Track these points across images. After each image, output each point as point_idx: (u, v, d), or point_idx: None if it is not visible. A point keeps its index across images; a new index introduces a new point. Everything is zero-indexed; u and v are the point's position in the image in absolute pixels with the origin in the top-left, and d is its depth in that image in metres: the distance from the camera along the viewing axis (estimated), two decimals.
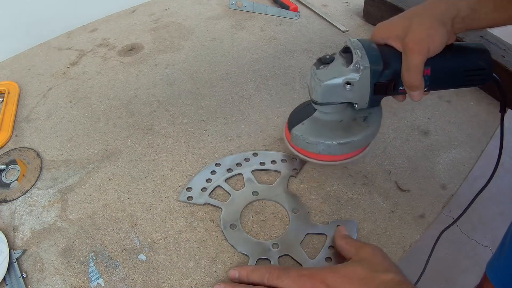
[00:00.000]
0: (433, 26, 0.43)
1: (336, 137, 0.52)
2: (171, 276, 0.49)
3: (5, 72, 0.81)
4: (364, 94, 0.48)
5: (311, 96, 0.51)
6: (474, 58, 0.48)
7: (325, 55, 0.49)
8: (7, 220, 0.55)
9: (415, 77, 0.44)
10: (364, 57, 0.45)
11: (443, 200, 0.57)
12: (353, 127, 0.52)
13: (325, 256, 0.49)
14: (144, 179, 0.60)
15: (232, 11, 0.97)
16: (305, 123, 0.53)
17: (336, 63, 0.48)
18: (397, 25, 0.46)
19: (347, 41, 0.48)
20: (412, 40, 0.43)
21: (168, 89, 0.75)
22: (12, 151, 0.65)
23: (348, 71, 0.46)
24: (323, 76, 0.47)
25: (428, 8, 0.44)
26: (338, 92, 0.48)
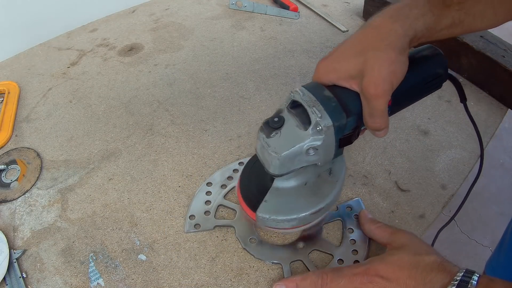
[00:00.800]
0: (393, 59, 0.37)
1: (307, 206, 0.44)
2: (171, 276, 0.49)
3: (5, 72, 0.81)
4: (329, 152, 0.42)
5: (267, 169, 0.43)
6: (431, 66, 0.44)
7: (272, 117, 0.41)
8: (7, 220, 0.55)
9: (381, 121, 0.40)
10: (324, 115, 0.39)
11: (443, 200, 0.56)
12: (321, 187, 0.46)
13: (349, 239, 0.50)
14: (144, 179, 0.60)
15: (232, 11, 0.97)
16: (267, 199, 0.45)
17: (289, 126, 0.40)
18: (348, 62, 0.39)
19: (294, 94, 0.41)
20: (373, 83, 0.37)
21: (168, 89, 0.75)
22: (12, 151, 0.65)
23: (307, 135, 0.39)
24: (278, 148, 0.40)
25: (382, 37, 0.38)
26: (299, 159, 0.41)
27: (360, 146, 0.63)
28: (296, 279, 0.43)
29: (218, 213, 0.54)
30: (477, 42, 0.71)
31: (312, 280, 0.42)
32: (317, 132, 0.39)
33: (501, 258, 0.68)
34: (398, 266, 0.39)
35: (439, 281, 0.36)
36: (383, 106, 0.38)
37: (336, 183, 0.46)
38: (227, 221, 0.53)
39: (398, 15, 0.39)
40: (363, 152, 0.62)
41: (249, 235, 0.51)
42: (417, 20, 0.39)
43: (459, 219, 1.46)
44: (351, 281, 0.40)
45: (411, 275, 0.38)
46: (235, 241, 0.51)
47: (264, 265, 0.49)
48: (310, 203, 0.45)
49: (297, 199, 0.45)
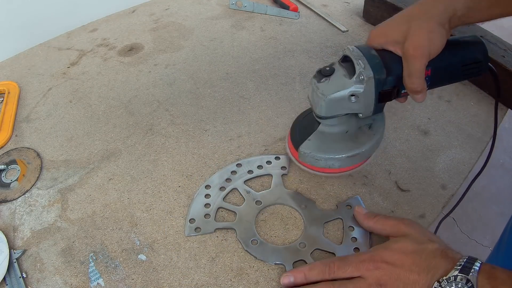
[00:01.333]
0: (432, 29, 0.42)
1: (345, 150, 0.51)
2: (171, 276, 0.49)
3: (5, 72, 0.81)
4: (369, 103, 0.47)
5: (314, 110, 0.49)
6: (471, 51, 0.47)
7: (325, 67, 0.47)
8: (7, 220, 0.55)
9: (417, 82, 0.44)
10: (367, 67, 0.44)
11: (443, 200, 0.56)
12: (360, 137, 0.51)
13: (350, 237, 0.50)
14: (144, 179, 0.60)
15: (232, 11, 0.97)
16: (311, 138, 0.52)
17: (337, 75, 0.46)
18: (395, 29, 0.45)
19: (346, 50, 0.47)
20: (413, 45, 0.42)
21: (168, 89, 0.75)
22: (12, 151, 0.65)
23: (351, 83, 0.45)
24: (326, 90, 0.46)
25: (425, 10, 0.43)
26: (343, 105, 0.47)
27: None
28: (303, 269, 0.45)
29: (218, 216, 0.54)
30: None
31: (320, 269, 0.43)
32: (360, 81, 0.44)
33: (499, 258, 0.68)
34: (402, 253, 0.41)
35: (442, 267, 0.38)
36: (420, 67, 0.43)
37: (373, 136, 0.52)
38: (227, 224, 0.53)
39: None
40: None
41: (251, 236, 0.51)
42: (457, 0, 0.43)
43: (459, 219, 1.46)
44: (358, 268, 0.42)
45: (415, 261, 0.39)
46: (235, 241, 0.51)
47: (264, 265, 0.49)
48: (347, 147, 0.51)
49: (337, 142, 0.51)
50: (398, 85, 0.46)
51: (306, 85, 0.75)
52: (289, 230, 0.52)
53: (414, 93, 0.46)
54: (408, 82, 0.44)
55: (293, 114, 0.69)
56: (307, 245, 0.50)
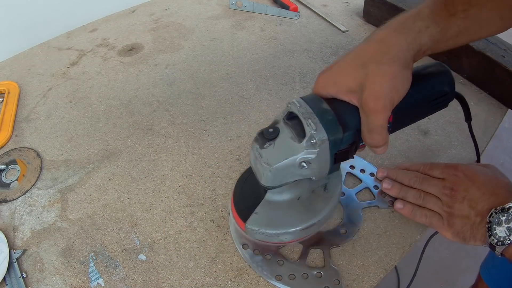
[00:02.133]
0: (395, 74, 0.36)
1: (298, 221, 0.43)
2: (171, 276, 0.49)
3: (5, 72, 0.81)
4: (323, 167, 0.40)
5: (259, 180, 0.42)
6: (437, 84, 0.43)
7: (267, 128, 0.40)
8: (7, 220, 0.55)
9: (379, 138, 0.38)
10: (319, 128, 0.37)
11: None
12: (314, 202, 0.45)
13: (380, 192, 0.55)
14: (144, 179, 0.60)
15: (232, 11, 0.97)
16: (258, 211, 0.44)
17: (283, 138, 0.39)
18: (348, 75, 0.38)
19: (290, 105, 0.40)
20: (373, 97, 0.36)
21: (168, 89, 0.75)
22: (12, 151, 0.65)
23: (301, 148, 0.38)
24: (271, 159, 0.39)
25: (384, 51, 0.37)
26: (292, 172, 0.40)
27: None
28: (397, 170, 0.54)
29: None
30: (477, 42, 0.71)
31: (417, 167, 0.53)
32: (311, 146, 0.38)
33: (496, 260, 0.68)
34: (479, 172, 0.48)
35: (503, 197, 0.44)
36: (383, 122, 0.37)
37: (330, 199, 0.45)
38: None
39: (402, 28, 0.38)
40: (363, 152, 0.62)
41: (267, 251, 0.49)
42: (422, 33, 0.37)
43: None
44: (442, 171, 0.50)
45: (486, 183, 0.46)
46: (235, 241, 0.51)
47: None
48: (301, 218, 0.44)
49: (288, 213, 0.44)
50: (356, 140, 0.40)
51: (306, 85, 0.75)
52: None
53: (375, 148, 0.40)
54: (369, 138, 0.39)
55: None
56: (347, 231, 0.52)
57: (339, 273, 0.47)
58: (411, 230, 0.53)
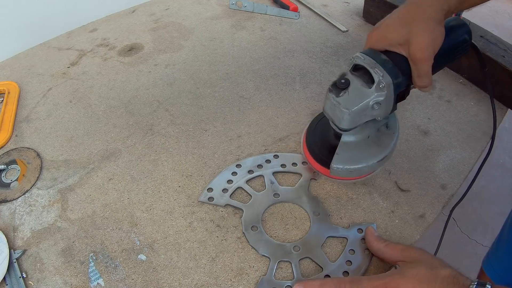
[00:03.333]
0: (433, 29, 0.44)
1: (373, 155, 0.51)
2: (171, 276, 0.49)
3: (5, 72, 0.81)
4: (389, 107, 0.48)
5: (337, 125, 0.49)
6: (460, 34, 0.49)
7: (339, 79, 0.47)
8: (7, 220, 0.55)
9: (427, 81, 0.46)
10: (385, 74, 0.45)
11: (443, 200, 0.56)
12: (381, 139, 0.53)
13: (346, 260, 0.49)
14: (144, 179, 0.60)
15: (232, 11, 0.97)
16: (339, 152, 0.52)
17: (355, 86, 0.47)
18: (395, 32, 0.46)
19: (356, 59, 0.47)
20: (419, 49, 0.43)
21: (168, 89, 0.75)
22: (12, 151, 0.65)
23: (372, 92, 0.45)
24: (348, 104, 0.46)
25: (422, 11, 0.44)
26: (366, 114, 0.47)
27: None
28: (316, 283, 0.44)
29: (234, 194, 0.56)
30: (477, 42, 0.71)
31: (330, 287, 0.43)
32: (380, 89, 0.45)
33: (499, 254, 0.68)
34: (417, 280, 0.40)
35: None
36: (429, 68, 0.44)
37: (393, 134, 0.53)
38: (239, 203, 0.55)
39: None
40: None
41: (254, 223, 0.52)
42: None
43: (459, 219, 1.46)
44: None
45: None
46: (235, 241, 0.51)
47: (264, 266, 0.49)
48: (375, 152, 0.52)
49: (364, 150, 0.52)
50: (410, 83, 0.47)
51: (306, 85, 0.75)
52: (290, 230, 0.52)
53: (424, 89, 0.47)
54: (419, 82, 0.46)
55: (293, 114, 0.69)
56: (300, 250, 0.50)
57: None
58: (411, 230, 0.53)
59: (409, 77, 0.46)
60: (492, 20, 2.29)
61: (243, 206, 0.54)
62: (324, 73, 0.78)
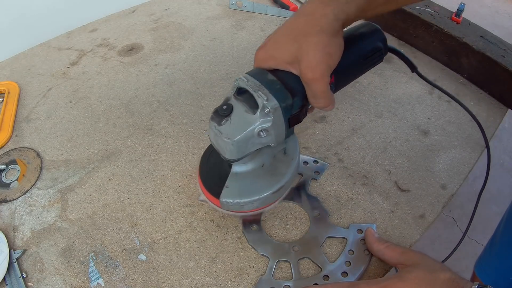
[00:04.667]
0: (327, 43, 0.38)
1: (267, 186, 0.46)
2: (171, 276, 0.49)
3: (5, 72, 0.81)
4: (280, 132, 0.43)
5: (223, 155, 0.44)
6: (369, 42, 0.45)
7: (221, 106, 0.42)
8: (7, 220, 0.55)
9: (324, 101, 0.41)
10: (270, 97, 0.39)
11: (443, 200, 0.57)
12: (278, 167, 0.47)
13: (345, 260, 0.49)
14: (144, 179, 0.60)
15: (232, 11, 0.97)
16: (228, 185, 0.46)
17: (238, 113, 0.41)
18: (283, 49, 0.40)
19: (238, 81, 0.42)
20: (309, 67, 0.38)
21: (168, 89, 0.75)
22: (12, 151, 0.65)
23: (256, 118, 0.40)
24: (231, 133, 0.41)
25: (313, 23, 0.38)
26: (253, 142, 0.42)
27: (360, 146, 0.63)
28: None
29: None
30: (477, 42, 0.71)
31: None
32: (266, 114, 0.40)
33: (492, 258, 0.68)
34: (416, 284, 0.39)
35: None
36: (324, 87, 0.39)
37: (291, 161, 0.48)
38: None
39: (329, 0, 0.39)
40: (363, 152, 0.62)
41: (253, 222, 0.52)
42: (349, 4, 0.39)
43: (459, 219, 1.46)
44: None
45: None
46: (235, 241, 0.51)
47: (264, 266, 0.49)
48: (269, 183, 0.46)
49: (256, 181, 0.47)
50: (305, 103, 0.42)
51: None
52: (289, 230, 0.52)
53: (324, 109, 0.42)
54: (315, 103, 0.41)
55: None
56: (299, 250, 0.50)
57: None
58: (411, 230, 0.53)
59: (303, 97, 0.42)
60: (492, 20, 2.29)
61: None
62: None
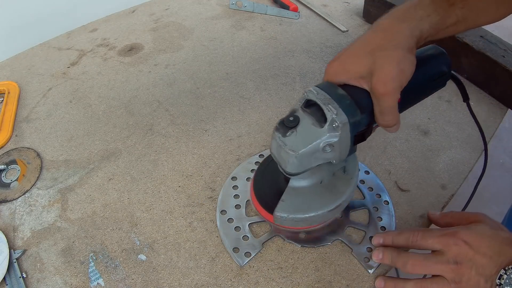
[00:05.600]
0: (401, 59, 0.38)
1: (324, 204, 0.45)
2: (171, 276, 0.49)
3: (5, 72, 0.81)
4: (344, 149, 0.42)
5: (284, 168, 0.43)
6: (436, 65, 0.45)
7: (287, 117, 0.41)
8: (7, 220, 0.55)
9: (392, 119, 0.41)
10: (339, 112, 0.39)
11: (443, 200, 0.56)
12: (336, 185, 0.46)
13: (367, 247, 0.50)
14: (144, 179, 0.60)
15: (232, 11, 0.97)
16: (284, 199, 0.45)
17: (305, 125, 0.41)
18: (357, 63, 0.41)
19: (308, 93, 0.41)
20: (382, 81, 0.38)
21: (168, 89, 0.75)
22: (12, 151, 0.65)
23: (324, 132, 0.39)
24: (295, 145, 0.40)
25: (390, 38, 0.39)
26: (316, 157, 0.41)
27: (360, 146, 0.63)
28: (393, 233, 0.47)
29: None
30: (477, 42, 0.71)
31: (405, 236, 0.45)
32: (333, 129, 0.39)
33: None
34: (480, 235, 0.42)
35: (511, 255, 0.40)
36: (393, 104, 0.39)
37: (350, 180, 0.47)
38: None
39: (405, 17, 0.40)
40: (363, 152, 0.62)
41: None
42: (423, 21, 0.40)
43: None
44: (439, 240, 0.43)
45: (490, 245, 0.41)
46: None
47: (264, 265, 0.49)
48: (327, 200, 0.45)
49: (313, 197, 0.46)
50: (371, 121, 0.42)
51: (306, 85, 0.75)
52: None
53: (389, 129, 0.42)
54: (382, 120, 0.41)
55: None
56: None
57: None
58: None
59: (371, 114, 0.41)
60: None
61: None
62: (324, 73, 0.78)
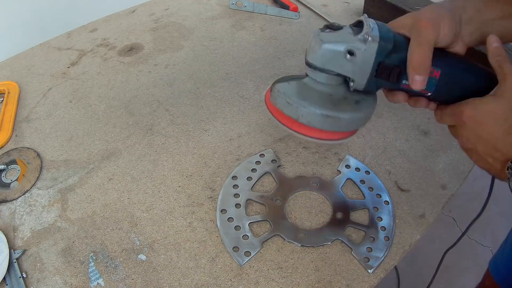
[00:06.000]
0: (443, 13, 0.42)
1: (321, 106, 0.45)
2: (171, 276, 0.49)
3: (5, 72, 0.81)
4: (364, 71, 0.43)
5: (306, 57, 0.45)
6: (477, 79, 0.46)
7: (334, 22, 0.44)
8: (7, 220, 0.55)
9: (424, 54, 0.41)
10: (375, 30, 0.41)
11: (443, 200, 0.56)
12: (342, 105, 0.46)
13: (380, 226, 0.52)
14: (144, 179, 0.60)
15: (232, 11, 0.97)
16: (291, 83, 0.47)
17: (343, 31, 0.43)
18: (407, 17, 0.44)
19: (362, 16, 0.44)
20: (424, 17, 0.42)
21: (168, 89, 0.75)
22: (12, 151, 0.64)
23: (354, 39, 0.42)
24: (326, 38, 0.42)
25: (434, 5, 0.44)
26: (337, 60, 0.43)
27: (360, 146, 0.63)
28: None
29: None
30: None
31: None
32: (363, 40, 0.41)
33: (505, 256, 0.68)
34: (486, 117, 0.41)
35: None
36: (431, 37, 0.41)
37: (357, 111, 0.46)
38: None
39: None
40: (363, 152, 0.62)
41: (292, 229, 0.53)
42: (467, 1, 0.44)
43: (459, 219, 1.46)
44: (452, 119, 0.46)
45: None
46: None
47: (264, 265, 0.49)
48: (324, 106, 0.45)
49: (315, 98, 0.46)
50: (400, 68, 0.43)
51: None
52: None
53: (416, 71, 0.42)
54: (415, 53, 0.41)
55: None
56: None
57: None
58: (411, 230, 0.53)
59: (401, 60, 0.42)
60: None
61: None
62: None
